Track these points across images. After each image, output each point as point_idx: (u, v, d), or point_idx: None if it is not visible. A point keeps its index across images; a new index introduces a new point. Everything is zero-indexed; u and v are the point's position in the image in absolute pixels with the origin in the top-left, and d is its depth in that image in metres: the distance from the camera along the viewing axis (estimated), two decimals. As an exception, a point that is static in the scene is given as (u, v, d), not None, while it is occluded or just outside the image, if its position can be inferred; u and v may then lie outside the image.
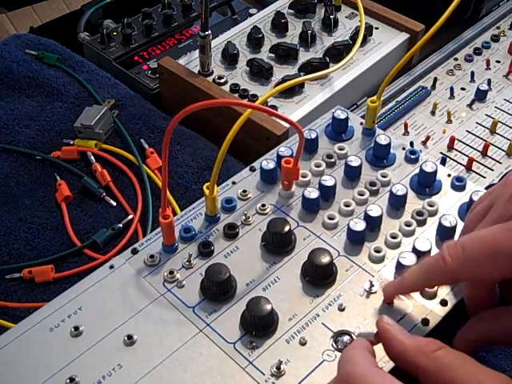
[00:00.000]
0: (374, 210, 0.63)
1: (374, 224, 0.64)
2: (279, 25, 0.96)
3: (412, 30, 0.96)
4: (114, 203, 0.81)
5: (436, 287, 0.58)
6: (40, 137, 0.88)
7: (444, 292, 0.59)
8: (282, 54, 0.91)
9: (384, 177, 0.68)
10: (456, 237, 0.63)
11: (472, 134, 0.88)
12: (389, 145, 0.70)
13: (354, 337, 0.56)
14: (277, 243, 0.62)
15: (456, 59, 0.99)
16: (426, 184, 0.68)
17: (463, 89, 0.94)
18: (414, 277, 0.55)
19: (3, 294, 0.72)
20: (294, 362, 0.54)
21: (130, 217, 0.79)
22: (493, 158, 0.84)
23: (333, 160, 0.70)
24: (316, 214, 0.66)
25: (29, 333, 0.56)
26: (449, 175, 0.69)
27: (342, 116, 0.72)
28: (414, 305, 0.58)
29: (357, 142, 0.73)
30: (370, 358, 0.48)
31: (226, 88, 0.88)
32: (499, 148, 0.86)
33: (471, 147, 0.86)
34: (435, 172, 0.67)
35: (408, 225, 0.64)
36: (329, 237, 0.64)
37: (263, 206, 0.66)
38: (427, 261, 0.54)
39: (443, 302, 0.58)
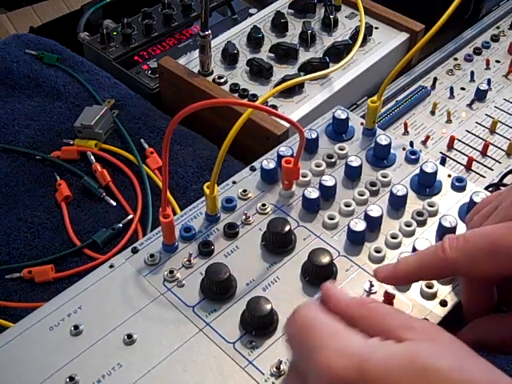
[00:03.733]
0: (375, 211, 0.63)
1: (374, 224, 0.64)
2: (279, 25, 0.96)
3: (412, 29, 0.96)
4: (114, 203, 0.81)
5: (435, 289, 0.58)
6: (40, 137, 0.89)
7: (444, 293, 0.59)
8: (282, 54, 0.91)
9: (384, 177, 0.68)
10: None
11: (472, 133, 0.88)
12: (389, 145, 0.70)
13: None
14: (277, 243, 0.62)
15: (456, 59, 0.99)
16: (426, 184, 0.68)
17: (463, 89, 0.94)
18: (410, 264, 0.54)
19: (3, 293, 0.72)
20: (294, 362, 0.54)
21: (130, 217, 0.79)
22: (492, 158, 0.84)
23: (333, 160, 0.70)
24: (316, 213, 0.65)
25: (29, 332, 0.56)
26: (449, 176, 0.69)
27: (343, 116, 0.72)
28: (413, 305, 0.58)
29: (357, 142, 0.72)
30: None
31: (226, 88, 0.88)
32: (499, 148, 0.86)
33: (471, 147, 0.86)
34: (435, 172, 0.67)
35: (408, 225, 0.64)
36: (329, 237, 0.63)
37: (263, 205, 0.66)
38: (425, 250, 0.54)
39: (443, 303, 0.58)
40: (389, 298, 0.57)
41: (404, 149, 0.71)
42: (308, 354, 0.42)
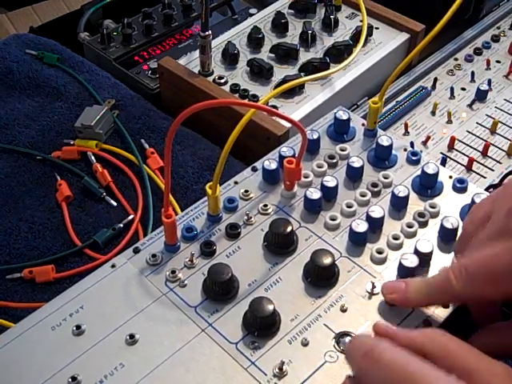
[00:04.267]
0: (376, 211, 0.63)
1: (375, 225, 0.64)
2: (279, 25, 0.96)
3: (412, 30, 0.96)
4: (115, 203, 0.81)
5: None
6: (40, 137, 0.88)
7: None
8: (283, 54, 0.91)
9: (386, 178, 0.68)
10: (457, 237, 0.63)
11: (472, 134, 0.88)
12: (390, 146, 0.70)
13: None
14: (279, 244, 0.62)
15: (456, 59, 0.99)
16: (427, 185, 0.68)
17: (463, 89, 0.94)
18: (419, 295, 0.55)
19: (4, 293, 0.72)
20: (296, 363, 0.54)
21: (131, 217, 0.79)
22: (493, 158, 0.84)
23: (335, 161, 0.70)
24: (318, 214, 0.66)
25: (30, 331, 0.56)
26: (450, 177, 0.69)
27: (344, 117, 0.72)
28: (415, 306, 0.58)
29: (358, 142, 0.73)
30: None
31: (226, 88, 0.87)
32: (499, 148, 0.86)
33: (471, 147, 0.86)
34: (437, 174, 0.67)
35: (410, 226, 0.64)
36: (331, 238, 0.63)
37: (265, 206, 0.66)
38: (434, 280, 0.55)
39: (444, 305, 0.58)
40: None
41: (405, 150, 0.72)
42: None
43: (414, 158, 0.70)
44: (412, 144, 0.84)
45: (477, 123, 0.89)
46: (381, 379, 0.45)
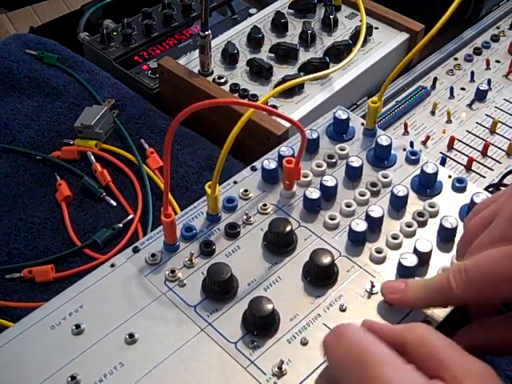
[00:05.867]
0: (375, 211, 0.63)
1: (375, 225, 0.64)
2: (279, 25, 0.96)
3: (412, 29, 0.96)
4: (114, 203, 0.81)
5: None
6: (40, 137, 0.88)
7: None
8: (282, 54, 0.91)
9: (385, 177, 0.68)
10: (457, 237, 0.63)
11: (472, 133, 0.88)
12: (390, 145, 0.70)
13: None
14: (278, 243, 0.62)
15: (456, 59, 0.99)
16: (426, 185, 0.68)
17: (463, 89, 0.94)
18: (419, 296, 0.55)
19: (3, 293, 0.72)
20: (296, 362, 0.54)
21: (130, 217, 0.79)
22: (493, 158, 0.84)
23: (334, 160, 0.70)
24: (317, 214, 0.66)
25: (30, 331, 0.56)
26: (449, 176, 0.69)
27: (343, 116, 0.72)
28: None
29: (358, 142, 0.73)
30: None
31: (226, 88, 0.88)
32: (499, 148, 0.86)
33: (471, 147, 0.86)
34: (436, 173, 0.67)
35: (409, 226, 0.64)
36: (330, 237, 0.64)
37: (264, 205, 0.66)
38: (432, 284, 0.55)
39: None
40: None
41: (404, 149, 0.72)
42: (365, 381, 0.43)
43: (413, 158, 0.70)
44: (412, 144, 0.85)
45: (476, 123, 0.89)
46: (340, 357, 0.45)
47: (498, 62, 0.99)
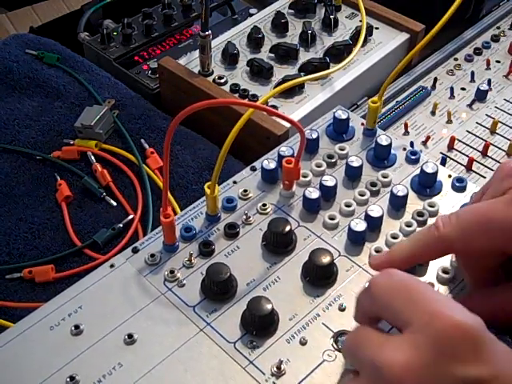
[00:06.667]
0: (375, 211, 0.63)
1: (374, 224, 0.64)
2: (279, 25, 0.96)
3: (412, 30, 0.96)
4: (115, 203, 0.81)
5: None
6: (40, 137, 0.88)
7: (444, 292, 0.59)
8: (282, 54, 0.91)
9: (385, 177, 0.68)
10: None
11: (472, 134, 0.88)
12: (390, 145, 0.70)
13: None
14: (277, 243, 0.62)
15: (456, 59, 0.99)
16: (426, 185, 0.68)
17: (463, 89, 0.94)
18: (404, 248, 0.55)
19: (3, 293, 0.72)
20: (295, 362, 0.54)
21: (131, 217, 0.79)
22: (493, 158, 0.84)
23: (334, 160, 0.70)
24: (317, 214, 0.65)
25: (29, 331, 0.56)
26: (449, 176, 0.69)
27: (343, 116, 0.72)
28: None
29: (357, 142, 0.73)
30: None
31: (226, 88, 0.88)
32: (499, 148, 0.86)
33: (471, 147, 0.86)
34: (436, 173, 0.67)
35: (409, 225, 0.64)
36: (329, 237, 0.63)
37: (264, 205, 0.66)
38: (417, 232, 0.55)
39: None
40: None
41: (404, 149, 0.72)
42: (415, 306, 0.45)
43: (413, 158, 0.70)
44: (412, 144, 0.84)
45: (477, 123, 0.89)
46: (389, 289, 0.48)
47: (498, 62, 0.98)
